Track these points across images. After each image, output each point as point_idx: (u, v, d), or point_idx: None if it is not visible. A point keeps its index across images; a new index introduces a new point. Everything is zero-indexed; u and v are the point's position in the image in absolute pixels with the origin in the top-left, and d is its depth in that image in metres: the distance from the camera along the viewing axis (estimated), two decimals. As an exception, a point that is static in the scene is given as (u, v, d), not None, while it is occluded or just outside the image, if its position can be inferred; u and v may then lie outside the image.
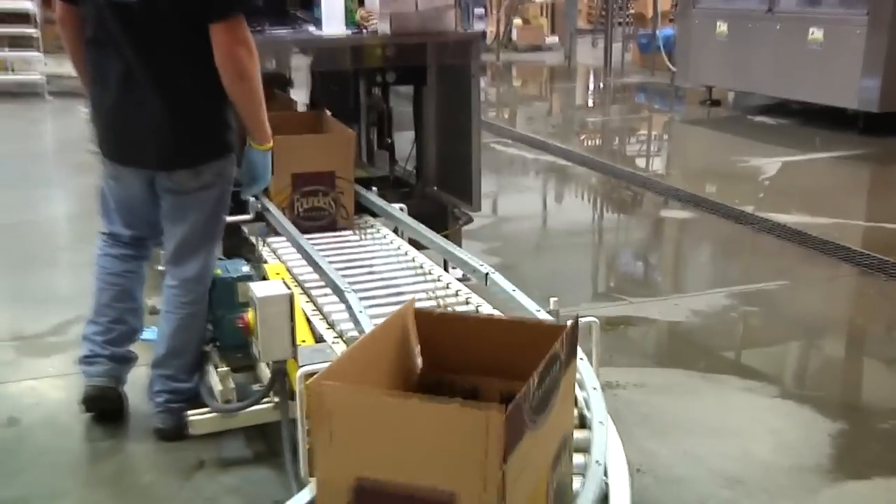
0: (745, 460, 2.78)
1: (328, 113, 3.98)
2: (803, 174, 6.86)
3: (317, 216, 3.59)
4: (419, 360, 1.77)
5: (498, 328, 1.76)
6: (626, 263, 5.11)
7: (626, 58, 12.91)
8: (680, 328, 3.93)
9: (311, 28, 3.82)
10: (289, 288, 2.48)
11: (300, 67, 4.66)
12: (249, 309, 2.49)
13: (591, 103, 11.43)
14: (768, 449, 2.86)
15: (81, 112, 7.56)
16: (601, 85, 12.13)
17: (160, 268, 4.16)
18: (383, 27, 3.64)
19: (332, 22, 3.71)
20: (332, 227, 3.59)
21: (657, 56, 11.57)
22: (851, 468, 2.76)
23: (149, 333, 3.63)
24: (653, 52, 11.83)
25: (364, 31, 3.75)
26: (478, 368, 1.71)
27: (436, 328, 1.75)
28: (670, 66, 10.63)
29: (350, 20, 3.77)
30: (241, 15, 2.54)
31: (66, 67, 10.71)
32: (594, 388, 2.01)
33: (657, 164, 7.81)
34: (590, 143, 8.66)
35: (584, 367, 2.11)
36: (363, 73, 4.17)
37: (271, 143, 2.78)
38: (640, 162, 7.84)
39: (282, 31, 3.80)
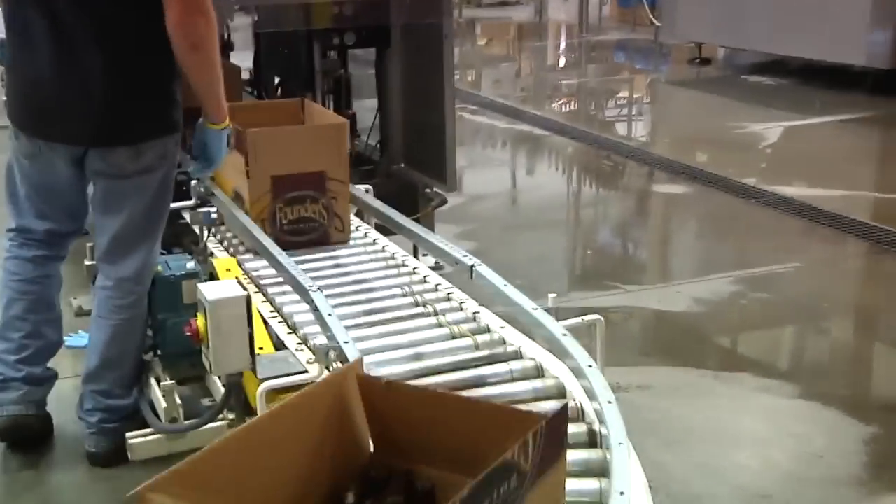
0: (768, 472, 2.73)
1: (311, 101, 3.66)
2: (807, 140, 6.86)
3: (305, 229, 3.10)
4: (370, 443, 1.50)
5: (459, 409, 1.45)
6: (617, 246, 5.05)
7: (604, 12, 12.86)
8: (684, 319, 3.88)
9: (257, -17, 3.66)
10: (244, 288, 2.35)
11: (240, 28, 4.51)
12: (198, 314, 2.36)
13: (565, 64, 11.37)
14: (793, 458, 2.82)
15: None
16: (576, 43, 12.06)
17: (89, 263, 4.02)
18: (339, -20, 3.50)
19: (281, -25, 3.57)
20: (323, 241, 3.11)
21: (639, 9, 11.52)
22: (890, 479, 2.72)
23: (75, 339, 3.49)
24: (634, 5, 11.79)
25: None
26: (441, 457, 1.43)
27: (386, 401, 1.47)
28: (653, 21, 10.58)
29: (300, -28, 3.62)
30: None
31: None
32: (609, 403, 1.93)
33: (642, 131, 7.77)
34: (566, 108, 8.59)
35: (594, 376, 2.03)
36: (317, 35, 4.03)
37: (228, 122, 2.65)
38: (623, 129, 7.79)
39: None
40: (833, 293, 4.14)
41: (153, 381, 2.76)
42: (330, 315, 2.33)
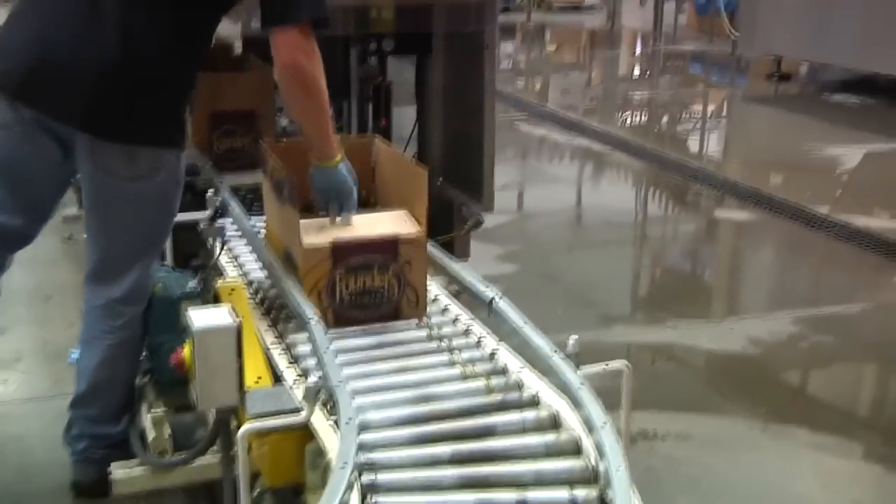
0: (815, 544, 2.55)
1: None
2: (890, 167, 6.57)
3: (370, 303, 2.52)
4: None
5: None
6: (672, 276, 4.86)
7: (680, 20, 12.61)
8: (735, 362, 3.68)
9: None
10: (236, 316, 2.24)
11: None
12: (186, 342, 2.26)
13: (636, 75, 11.15)
14: (846, 529, 2.63)
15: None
16: (649, 52, 11.83)
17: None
18: (376, -18, 3.39)
19: (315, -24, 3.46)
20: (392, 316, 2.53)
21: (716, 19, 11.26)
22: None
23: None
24: (712, 13, 11.53)
25: (354, -13, 3.51)
26: None
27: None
28: (732, 32, 10.32)
29: (336, -27, 3.52)
30: (308, 18, 2.34)
31: None
32: (618, 470, 1.77)
33: (713, 151, 7.55)
34: (632, 122, 8.39)
35: (607, 437, 1.87)
36: (354, 39, 3.93)
37: (340, 157, 2.55)
38: (693, 148, 7.57)
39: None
40: (907, 340, 3.92)
41: (145, 409, 2.67)
42: (326, 350, 2.21)
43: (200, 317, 2.23)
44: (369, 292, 2.53)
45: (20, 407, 3.24)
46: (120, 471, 2.49)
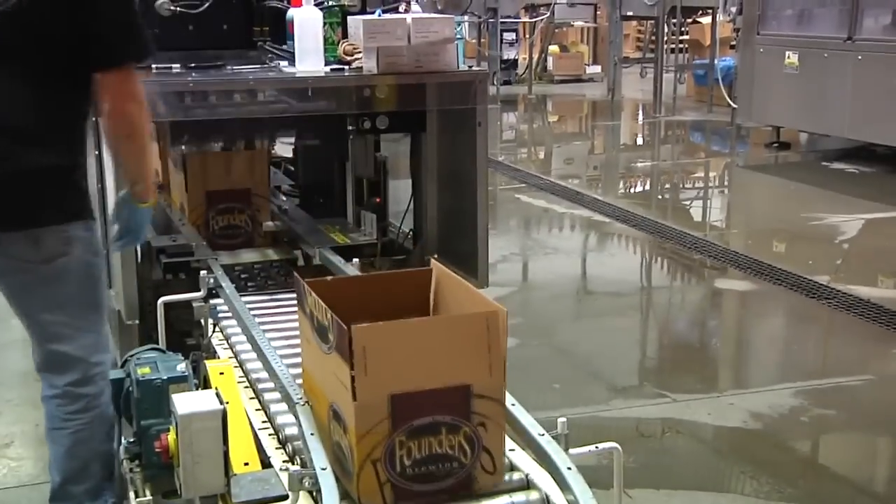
0: None
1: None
2: (892, 235, 6.56)
3: (437, 472, 2.05)
4: None
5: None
6: (672, 348, 4.83)
7: (680, 91, 12.73)
8: (735, 438, 3.64)
9: (284, 64, 3.63)
10: (223, 401, 2.23)
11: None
12: (171, 427, 2.24)
13: (638, 144, 11.23)
14: None
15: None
16: (650, 123, 11.93)
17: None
18: (369, 64, 3.45)
19: (308, 57, 3.52)
20: (464, 487, 2.09)
21: (715, 90, 11.36)
22: None
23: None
24: (710, 84, 11.64)
25: (347, 67, 3.56)
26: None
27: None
28: (731, 102, 10.41)
29: (330, 54, 3.58)
30: (135, 62, 2.44)
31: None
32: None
33: (714, 221, 7.56)
34: (634, 193, 8.42)
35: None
36: (349, 118, 3.97)
37: (154, 200, 2.67)
38: (695, 217, 7.58)
39: (247, 69, 3.61)
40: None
41: (132, 497, 2.63)
42: (313, 434, 2.19)
43: (185, 402, 2.22)
44: (437, 458, 2.05)
45: (10, 494, 3.20)
46: (105, 560, 2.45)
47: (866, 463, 3.62)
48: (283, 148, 4.89)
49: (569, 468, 2.06)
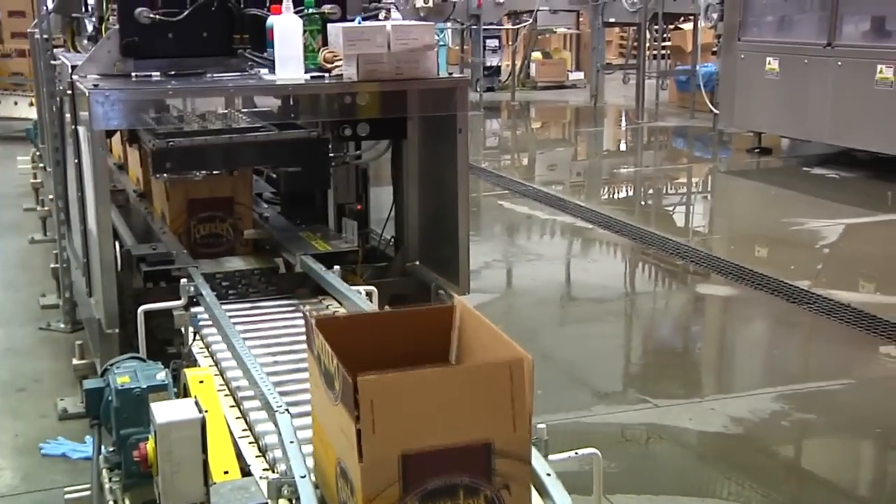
0: None
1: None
2: (872, 240, 6.61)
3: None
4: None
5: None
6: (654, 353, 4.84)
7: (662, 97, 12.77)
8: (716, 443, 3.65)
9: (264, 71, 3.63)
10: (201, 410, 2.22)
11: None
12: (149, 437, 2.24)
13: (620, 150, 11.27)
14: None
15: (19, 161, 7.46)
16: (632, 129, 11.97)
17: (77, 361, 3.96)
18: (349, 72, 3.45)
19: (288, 64, 3.53)
20: None
21: (697, 95, 11.43)
22: None
23: (52, 447, 3.41)
24: (692, 90, 11.70)
25: (328, 74, 3.57)
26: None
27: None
28: (712, 108, 10.47)
29: (311, 62, 3.58)
30: None
31: (6, 106, 10.68)
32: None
33: (696, 226, 7.59)
34: (617, 199, 8.45)
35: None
36: (330, 125, 3.98)
37: None
38: (677, 223, 7.61)
39: (227, 76, 3.61)
40: (891, 417, 3.88)
41: (111, 505, 2.62)
42: (292, 442, 2.19)
43: (164, 411, 2.22)
44: None
45: (-12, 503, 3.18)
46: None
47: (848, 466, 3.64)
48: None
49: (548, 474, 2.06)
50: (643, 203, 8.26)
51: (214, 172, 3.94)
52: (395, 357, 1.96)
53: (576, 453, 2.22)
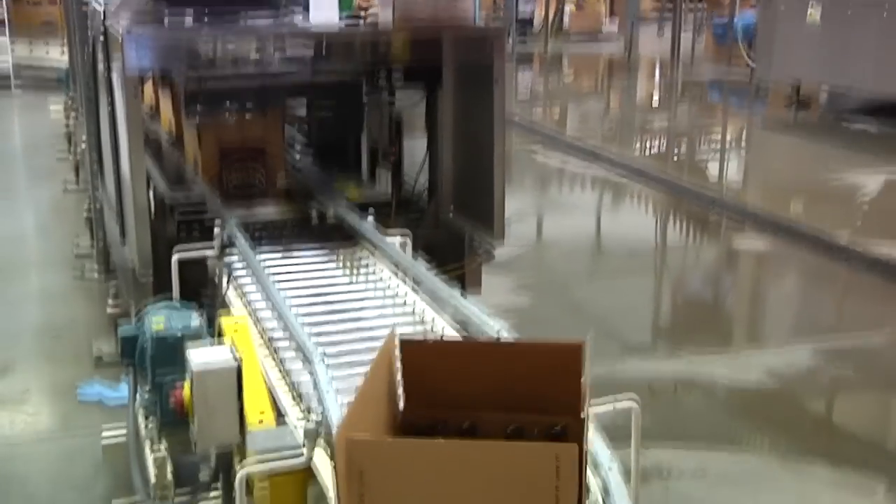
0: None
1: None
2: (911, 195, 6.49)
3: None
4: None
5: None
6: (689, 306, 4.79)
7: (698, 49, 12.58)
8: (751, 395, 3.61)
9: (299, 17, 3.57)
10: (236, 357, 2.21)
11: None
12: (185, 382, 2.23)
13: (654, 103, 11.12)
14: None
15: (52, 109, 7.48)
16: (667, 81, 11.80)
17: (111, 307, 3.97)
18: (385, 15, 3.39)
19: (323, 7, 3.47)
20: None
21: (734, 47, 11.22)
22: None
23: (87, 390, 3.43)
24: (729, 42, 11.50)
25: (362, 20, 3.51)
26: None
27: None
28: (749, 60, 10.28)
29: (345, 6, 3.52)
30: None
31: (38, 53, 10.68)
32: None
33: (732, 180, 7.48)
34: (651, 151, 8.34)
35: (614, 479, 1.83)
36: (362, 70, 3.92)
37: None
38: (711, 176, 7.51)
39: (261, 21, 3.56)
40: (928, 372, 3.83)
41: (147, 450, 2.63)
42: (328, 391, 2.18)
43: (200, 356, 2.21)
44: None
45: (27, 448, 3.20)
46: (121, 511, 2.46)
47: (882, 422, 3.59)
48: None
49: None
50: (677, 156, 8.15)
51: (247, 118, 3.91)
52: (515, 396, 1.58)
53: (615, 402, 2.19)
